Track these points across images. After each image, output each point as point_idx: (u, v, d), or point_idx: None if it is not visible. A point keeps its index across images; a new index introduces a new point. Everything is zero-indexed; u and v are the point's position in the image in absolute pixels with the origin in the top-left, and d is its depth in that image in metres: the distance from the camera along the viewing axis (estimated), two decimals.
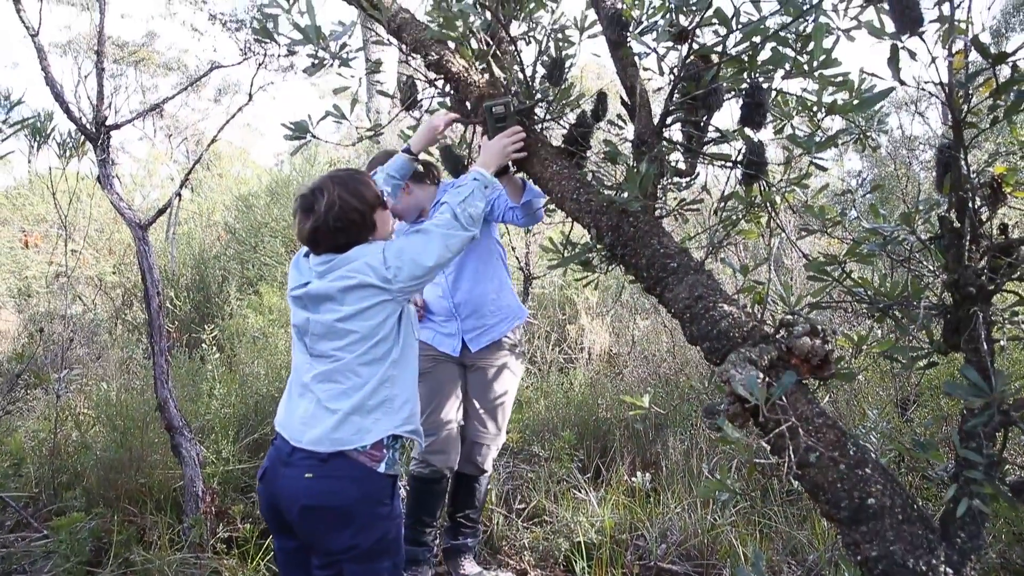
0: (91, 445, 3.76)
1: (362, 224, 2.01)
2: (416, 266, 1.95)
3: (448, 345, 2.97)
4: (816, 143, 1.73)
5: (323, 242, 1.99)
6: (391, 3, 2.34)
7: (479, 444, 3.04)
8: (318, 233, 1.97)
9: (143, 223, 3.31)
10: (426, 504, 2.98)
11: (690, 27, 1.78)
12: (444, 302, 2.97)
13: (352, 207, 1.98)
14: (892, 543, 1.40)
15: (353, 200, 1.98)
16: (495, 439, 3.08)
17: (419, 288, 2.03)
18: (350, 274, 1.93)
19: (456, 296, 2.95)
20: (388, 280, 1.93)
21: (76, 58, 17.33)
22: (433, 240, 2.00)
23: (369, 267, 1.93)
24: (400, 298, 1.99)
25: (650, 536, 3.12)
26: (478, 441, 3.04)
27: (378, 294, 1.94)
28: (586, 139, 2.18)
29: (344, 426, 1.92)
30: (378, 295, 1.94)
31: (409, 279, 1.95)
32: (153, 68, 18.65)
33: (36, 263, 7.29)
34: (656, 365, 4.88)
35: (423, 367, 2.79)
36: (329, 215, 1.95)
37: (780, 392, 1.48)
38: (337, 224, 1.96)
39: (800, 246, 4.38)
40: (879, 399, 3.66)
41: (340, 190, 1.97)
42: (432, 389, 2.91)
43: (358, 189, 2.01)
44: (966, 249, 1.47)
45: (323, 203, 1.95)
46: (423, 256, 1.97)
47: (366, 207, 2.01)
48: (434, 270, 2.00)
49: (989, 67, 1.35)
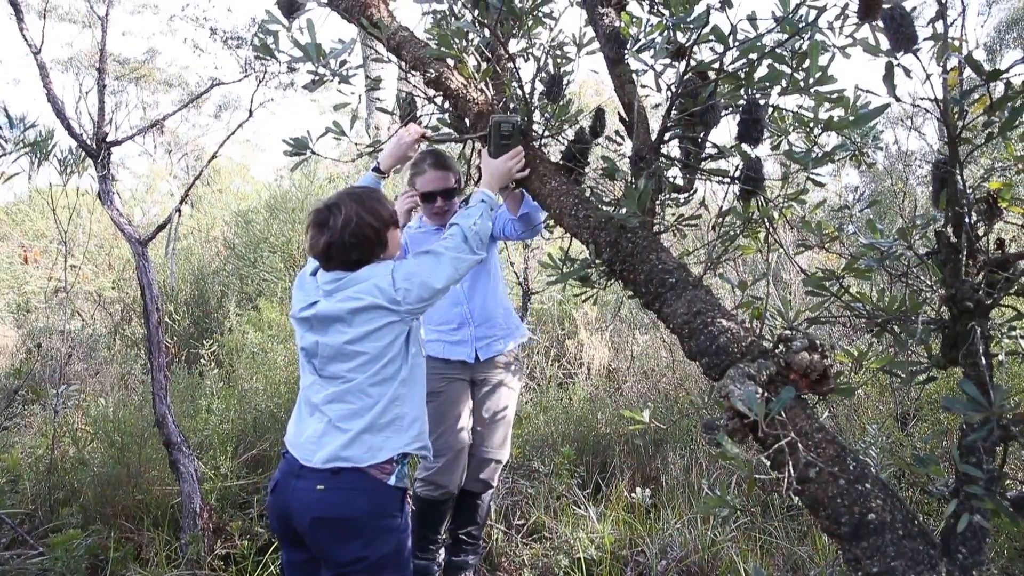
0: (88, 461, 3.74)
1: (376, 242, 2.02)
2: (425, 288, 1.97)
3: (462, 352, 2.92)
4: (813, 159, 1.74)
5: (336, 258, 2.00)
6: (390, 21, 2.36)
7: (488, 460, 3.01)
8: (332, 249, 1.98)
9: (143, 239, 3.32)
10: (431, 523, 2.98)
11: (687, 44, 1.80)
12: (458, 308, 2.93)
13: (368, 224, 1.99)
14: (893, 559, 1.40)
15: (369, 217, 1.99)
16: (503, 455, 3.07)
17: (425, 310, 2.04)
18: (359, 295, 1.94)
19: (471, 302, 2.94)
20: (397, 302, 1.94)
21: (78, 75, 17.43)
22: (443, 263, 2.02)
23: (378, 288, 1.94)
24: (408, 319, 2.00)
25: (650, 552, 3.10)
26: (488, 457, 3.01)
27: (386, 315, 1.95)
28: (584, 155, 2.20)
29: (355, 445, 1.93)
30: (386, 316, 1.95)
31: (417, 301, 1.97)
32: (154, 84, 18.76)
33: (35, 278, 7.29)
34: (655, 380, 4.88)
35: (435, 386, 2.79)
36: (345, 231, 1.96)
37: (779, 407, 1.48)
38: (352, 240, 1.97)
39: (798, 261, 4.39)
40: (878, 414, 3.65)
41: (357, 207, 1.99)
42: (444, 409, 2.88)
43: (374, 207, 2.02)
44: (963, 264, 1.48)
45: (339, 219, 1.97)
46: (433, 279, 1.99)
47: (381, 225, 2.02)
48: (442, 292, 2.02)
49: (983, 84, 1.37)
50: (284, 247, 6.94)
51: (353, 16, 2.36)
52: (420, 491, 2.92)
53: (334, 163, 9.22)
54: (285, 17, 2.18)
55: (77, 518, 3.33)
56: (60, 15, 17.73)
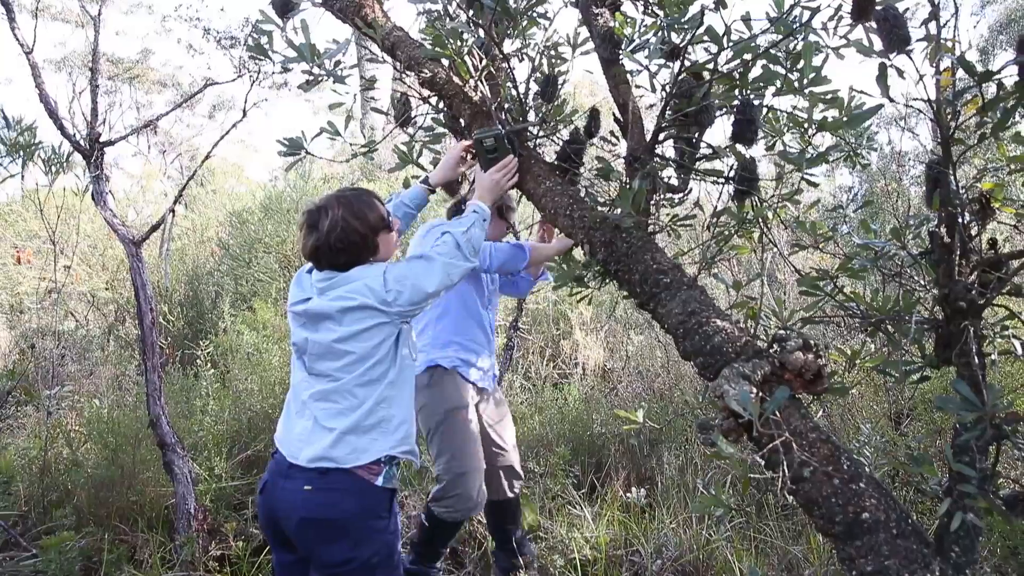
0: (82, 463, 3.72)
1: (363, 246, 2.01)
2: (416, 291, 1.97)
3: (486, 381, 3.02)
4: (807, 159, 1.74)
5: (324, 260, 2.00)
6: (385, 21, 2.36)
7: (513, 467, 3.06)
8: (319, 252, 1.99)
9: (136, 239, 3.30)
10: (444, 540, 2.96)
11: (682, 45, 1.80)
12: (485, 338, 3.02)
13: (354, 229, 1.98)
14: (887, 558, 1.40)
15: (355, 222, 1.99)
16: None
17: (416, 313, 2.03)
18: (349, 295, 1.94)
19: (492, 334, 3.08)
20: (387, 303, 1.94)
21: (71, 74, 17.34)
22: (435, 267, 2.01)
23: (369, 289, 1.94)
24: (397, 321, 1.99)
25: (645, 552, 3.10)
26: (514, 465, 3.07)
27: (376, 316, 1.94)
28: (579, 155, 2.20)
29: (340, 445, 1.93)
30: (376, 317, 1.94)
31: (408, 304, 1.96)
32: (147, 85, 18.66)
33: (28, 279, 7.25)
34: (650, 380, 4.88)
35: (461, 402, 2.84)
36: (331, 236, 1.96)
37: (774, 407, 1.49)
38: (338, 245, 1.97)
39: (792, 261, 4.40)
40: (872, 413, 3.66)
41: (344, 211, 1.98)
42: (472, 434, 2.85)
43: (362, 211, 2.01)
44: (956, 264, 1.49)
45: (326, 223, 1.97)
46: (424, 282, 1.98)
47: (368, 230, 2.02)
48: (433, 297, 2.01)
49: (976, 85, 1.37)
50: (279, 248, 6.92)
51: (348, 16, 2.35)
52: (443, 515, 2.80)
53: (329, 163, 9.21)
54: (279, 17, 2.18)
55: (71, 520, 3.31)
56: (53, 14, 17.64)
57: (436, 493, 2.83)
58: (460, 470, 2.77)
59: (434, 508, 2.83)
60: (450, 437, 2.80)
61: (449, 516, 2.80)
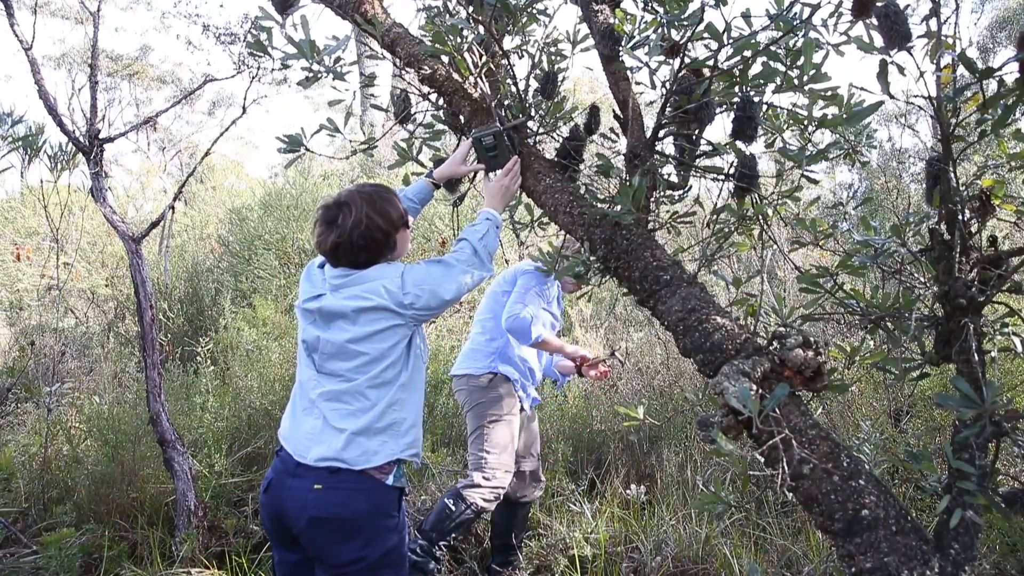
0: (82, 459, 3.73)
1: (385, 244, 2.00)
2: (434, 297, 1.96)
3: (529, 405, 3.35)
4: (807, 156, 1.74)
5: (344, 257, 1.98)
6: (385, 18, 2.35)
7: (537, 472, 3.35)
8: (339, 248, 1.96)
9: (136, 236, 3.30)
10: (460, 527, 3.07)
11: (682, 41, 1.80)
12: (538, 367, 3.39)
13: (377, 226, 1.97)
14: (886, 555, 1.40)
15: (379, 219, 1.97)
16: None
17: (430, 318, 2.03)
18: (366, 295, 1.92)
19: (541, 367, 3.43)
20: (404, 306, 1.93)
21: (70, 71, 17.33)
22: (453, 274, 2.01)
23: (386, 290, 1.92)
24: (412, 324, 1.98)
25: (645, 549, 3.11)
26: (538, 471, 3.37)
27: (391, 318, 1.93)
28: (579, 152, 2.19)
29: (350, 447, 1.91)
30: (391, 319, 1.93)
31: (424, 308, 1.96)
32: (147, 81, 18.65)
33: (28, 276, 7.25)
34: (650, 377, 4.89)
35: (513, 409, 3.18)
36: (354, 232, 1.94)
37: (773, 404, 1.49)
38: (361, 242, 1.95)
39: (792, 258, 4.40)
40: (872, 410, 3.67)
41: (368, 208, 1.96)
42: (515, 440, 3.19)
43: (385, 208, 2.00)
44: (956, 261, 1.49)
45: (349, 220, 1.94)
46: (442, 289, 1.98)
47: (391, 227, 2.00)
48: (449, 303, 2.00)
49: (976, 81, 1.37)
50: (278, 244, 6.92)
51: (347, 13, 2.35)
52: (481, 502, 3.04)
53: (328, 160, 9.20)
54: (279, 13, 2.17)
55: (71, 516, 3.32)
56: (52, 11, 17.63)
57: (473, 481, 3.06)
58: (507, 467, 3.09)
59: (470, 494, 3.03)
60: (500, 436, 3.12)
61: (485, 503, 3.06)
